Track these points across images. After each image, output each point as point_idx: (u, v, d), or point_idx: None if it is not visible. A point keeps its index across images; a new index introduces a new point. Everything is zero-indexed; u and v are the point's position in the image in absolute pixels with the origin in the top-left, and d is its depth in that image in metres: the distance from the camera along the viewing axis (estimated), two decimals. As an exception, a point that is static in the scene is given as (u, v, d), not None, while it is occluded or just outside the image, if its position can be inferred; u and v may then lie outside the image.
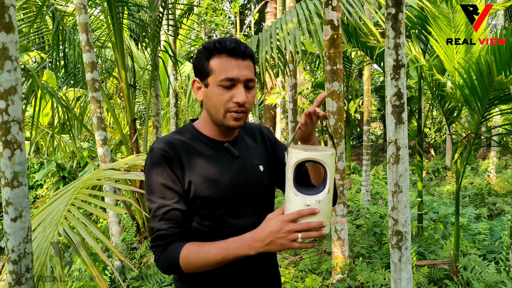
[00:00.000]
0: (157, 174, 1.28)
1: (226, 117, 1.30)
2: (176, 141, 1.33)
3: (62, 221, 2.34)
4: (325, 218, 1.19)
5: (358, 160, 13.22)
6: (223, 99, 1.28)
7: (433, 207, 7.10)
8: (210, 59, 1.30)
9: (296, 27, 3.99)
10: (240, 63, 1.29)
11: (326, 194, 1.19)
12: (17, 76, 2.00)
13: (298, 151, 1.19)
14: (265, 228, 1.19)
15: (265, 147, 1.52)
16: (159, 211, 1.27)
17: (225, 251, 1.20)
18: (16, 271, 2.03)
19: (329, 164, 1.19)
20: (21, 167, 2.00)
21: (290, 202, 1.20)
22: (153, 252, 1.29)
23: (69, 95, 7.60)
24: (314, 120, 1.28)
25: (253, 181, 1.39)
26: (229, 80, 1.27)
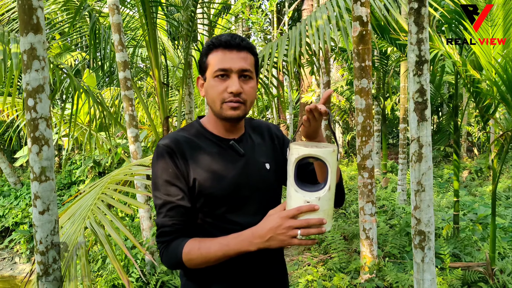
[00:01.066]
0: (163, 171, 1.30)
1: (223, 108, 1.31)
2: (182, 138, 1.35)
3: (89, 215, 2.42)
4: (326, 215, 1.18)
5: (396, 159, 12.95)
6: (218, 90, 1.30)
7: (473, 208, 6.87)
8: (208, 55, 1.33)
9: (326, 23, 3.95)
10: (235, 55, 1.30)
11: (327, 191, 1.18)
12: (44, 75, 2.09)
13: (299, 147, 1.18)
14: (265, 224, 1.19)
15: (273, 145, 1.51)
16: (163, 207, 1.29)
17: (226, 247, 1.22)
18: (44, 262, 2.12)
19: (330, 161, 1.18)
20: (48, 162, 2.08)
21: (290, 198, 1.20)
22: (157, 248, 1.33)
23: (107, 94, 7.84)
24: (317, 117, 1.26)
25: (257, 179, 1.39)
26: (222, 70, 1.29)
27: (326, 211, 1.18)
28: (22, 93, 2.03)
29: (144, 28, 4.76)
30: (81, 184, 9.10)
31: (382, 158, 10.12)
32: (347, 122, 14.66)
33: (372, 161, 3.67)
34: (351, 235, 5.04)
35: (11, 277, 8.14)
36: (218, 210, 1.33)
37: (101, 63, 4.90)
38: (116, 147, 6.52)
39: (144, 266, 4.07)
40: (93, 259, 4.81)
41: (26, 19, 1.99)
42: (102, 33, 4.76)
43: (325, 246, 4.81)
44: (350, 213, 6.30)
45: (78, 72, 12.58)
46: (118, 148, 6.30)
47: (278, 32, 11.32)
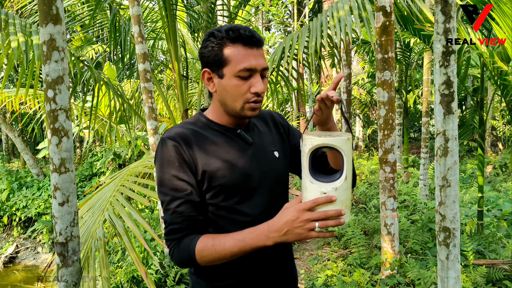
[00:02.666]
0: (169, 166, 1.25)
1: (244, 108, 1.27)
2: (188, 130, 1.30)
3: (108, 207, 2.42)
4: (344, 206, 1.14)
5: (419, 153, 12.74)
6: (242, 90, 1.25)
7: (497, 204, 6.71)
8: (223, 49, 1.25)
9: (347, 14, 3.86)
10: (256, 52, 1.25)
11: (343, 181, 1.13)
12: (64, 66, 2.08)
13: (312, 137, 1.14)
14: (281, 218, 1.15)
15: (279, 133, 1.48)
16: (171, 204, 1.25)
17: (241, 242, 1.18)
18: (63, 253, 2.12)
19: (345, 150, 1.13)
20: (68, 154, 2.08)
21: (306, 190, 1.16)
22: (167, 246, 1.28)
23: (127, 87, 7.88)
24: (328, 105, 1.22)
25: (267, 168, 1.36)
26: (248, 70, 1.23)
27: (344, 201, 1.14)
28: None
29: (163, 20, 4.74)
30: (102, 175, 9.21)
31: (403, 152, 9.96)
32: (367, 115, 14.48)
33: (394, 155, 3.59)
34: (371, 230, 4.96)
35: (34, 267, 8.30)
36: (229, 202, 1.29)
37: (121, 55, 4.91)
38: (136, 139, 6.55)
39: (164, 258, 4.08)
40: (113, 250, 4.85)
41: (46, 9, 1.98)
42: (122, 25, 4.76)
43: (345, 241, 4.75)
44: (371, 208, 6.22)
45: (99, 65, 12.71)
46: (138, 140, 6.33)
47: (298, 24, 11.21)
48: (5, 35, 3.19)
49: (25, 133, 14.39)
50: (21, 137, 10.49)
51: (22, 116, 12.20)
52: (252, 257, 1.29)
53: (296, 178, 8.58)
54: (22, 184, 9.90)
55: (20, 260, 8.54)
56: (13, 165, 13.00)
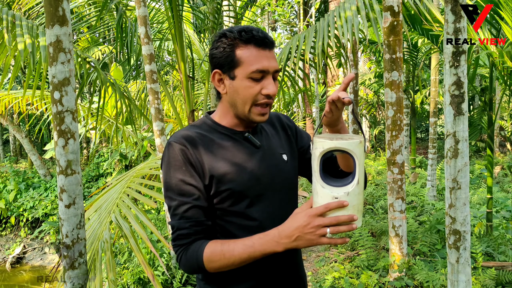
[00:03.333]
0: (175, 170, 1.23)
1: (252, 112, 1.26)
2: (194, 134, 1.28)
3: (114, 209, 2.41)
4: (356, 211, 1.11)
5: (426, 153, 12.66)
6: (253, 92, 1.23)
7: (506, 205, 6.64)
8: (235, 50, 1.23)
9: (354, 14, 3.83)
10: (268, 53, 1.24)
11: (355, 185, 1.11)
12: (70, 67, 2.07)
13: (323, 140, 1.12)
14: (292, 223, 1.13)
15: (287, 136, 1.46)
16: (179, 209, 1.22)
17: (251, 248, 1.15)
18: (70, 256, 2.11)
19: (357, 153, 1.11)
20: (74, 156, 2.07)
21: (317, 195, 1.13)
22: (175, 252, 1.26)
23: (133, 88, 7.89)
24: (339, 107, 1.21)
25: (276, 172, 1.33)
26: (261, 71, 1.22)
27: (356, 206, 1.11)
28: (50, 86, 2.02)
29: (170, 21, 4.74)
30: (109, 176, 9.23)
31: (410, 152, 9.90)
32: (374, 116, 14.42)
33: (402, 156, 3.56)
34: (379, 232, 4.93)
35: (41, 267, 8.33)
36: (238, 206, 1.26)
37: (127, 56, 4.91)
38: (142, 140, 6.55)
39: (170, 260, 4.07)
40: (119, 251, 4.84)
41: (52, 11, 1.97)
42: (128, 26, 4.76)
43: (352, 243, 4.72)
44: (378, 209, 6.17)
45: (106, 66, 12.74)
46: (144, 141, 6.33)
47: (304, 24, 11.17)
48: (12, 37, 3.19)
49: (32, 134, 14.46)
50: (28, 138, 10.54)
51: (29, 117, 12.26)
52: (261, 263, 1.27)
53: (302, 179, 8.55)
54: (29, 184, 9.94)
55: (27, 261, 8.57)
56: (21, 165, 13.07)
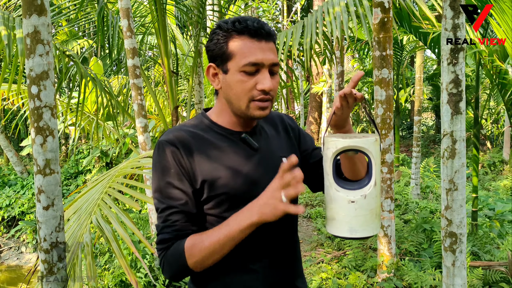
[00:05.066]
0: (164, 171, 1.14)
1: (250, 107, 1.14)
2: (187, 133, 1.18)
3: (95, 210, 2.28)
4: (374, 215, 1.03)
5: (407, 151, 12.75)
6: (247, 87, 1.12)
7: (488, 204, 6.68)
8: (229, 41, 1.13)
9: (343, 10, 3.75)
10: (264, 45, 1.13)
11: (372, 187, 1.02)
12: (49, 60, 1.94)
13: (336, 139, 1.03)
14: (264, 191, 1.06)
15: (289, 138, 1.35)
16: (164, 212, 1.13)
17: (227, 227, 1.07)
18: (48, 260, 1.99)
19: (373, 152, 1.02)
20: (53, 154, 1.94)
21: (331, 200, 1.04)
22: (158, 256, 1.16)
23: (114, 83, 7.70)
24: (350, 103, 1.11)
25: (274, 176, 1.22)
26: (253, 65, 1.11)
27: (374, 210, 1.03)
28: (26, 80, 1.89)
29: (153, 14, 4.60)
30: (88, 173, 9.01)
31: (394, 150, 9.93)
32: (357, 113, 14.45)
33: (392, 155, 3.51)
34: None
35: (17, 267, 8.09)
36: (232, 212, 1.14)
37: (108, 50, 4.75)
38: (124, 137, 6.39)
39: (153, 261, 3.94)
40: (100, 252, 4.70)
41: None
42: (110, 19, 4.59)
43: (339, 242, 4.66)
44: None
45: (85, 60, 12.46)
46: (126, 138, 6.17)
47: (288, 21, 11.09)
48: (-14, 28, 3.02)
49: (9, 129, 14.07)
50: (4, 134, 10.23)
51: (5, 112, 11.91)
52: (253, 263, 1.19)
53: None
54: (5, 182, 9.64)
55: (3, 260, 8.32)
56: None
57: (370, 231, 1.04)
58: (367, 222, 1.02)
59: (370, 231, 1.04)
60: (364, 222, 1.02)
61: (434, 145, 14.18)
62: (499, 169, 10.24)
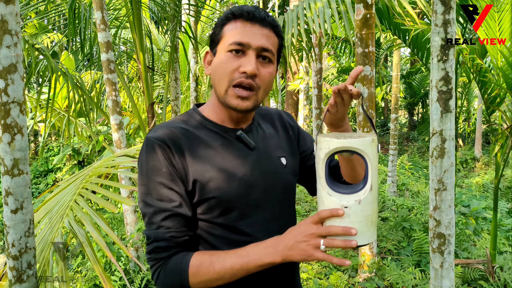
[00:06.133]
0: (154, 171, 1.03)
1: (228, 93, 1.05)
2: (178, 129, 1.08)
3: (68, 213, 2.15)
4: (369, 222, 0.94)
5: (382, 149, 12.87)
6: (229, 68, 1.04)
7: (462, 201, 6.76)
8: (224, 26, 1.07)
9: (325, 5, 3.69)
10: (257, 29, 1.05)
11: (368, 192, 0.93)
12: (17, 52, 1.79)
13: (329, 139, 0.94)
14: (291, 230, 0.97)
15: (288, 137, 1.26)
16: (156, 216, 1.02)
17: (245, 258, 0.97)
18: (17, 268, 1.85)
19: (370, 154, 0.93)
20: (22, 154, 1.80)
21: (323, 204, 0.96)
22: (150, 267, 1.05)
23: (87, 78, 7.46)
24: (346, 100, 1.02)
25: (273, 178, 1.14)
26: (238, 44, 1.03)
27: (369, 216, 0.94)
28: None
29: (127, 7, 4.43)
30: (58, 171, 8.72)
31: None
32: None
33: (373, 153, 3.47)
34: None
35: (-17, 269, 7.76)
36: (226, 218, 1.07)
37: (80, 44, 4.55)
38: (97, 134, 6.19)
39: (128, 263, 3.80)
40: (71, 253, 4.52)
41: (-5, -15, 1.69)
42: (82, 12, 4.40)
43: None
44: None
45: (56, 55, 12.08)
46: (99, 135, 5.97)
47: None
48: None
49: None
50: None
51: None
52: (254, 282, 1.09)
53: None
54: (-30, 181, 9.26)
55: (-32, 262, 7.97)
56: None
57: (365, 240, 0.95)
58: (361, 229, 0.93)
59: (365, 240, 0.94)
60: (359, 229, 0.92)
61: (407, 142, 14.37)
62: (471, 166, 10.44)
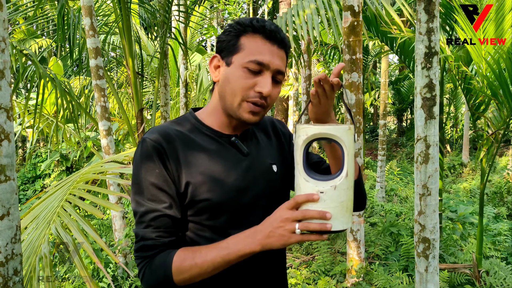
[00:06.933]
0: (147, 172, 1.06)
1: (242, 107, 1.08)
2: (173, 132, 1.10)
3: (55, 219, 2.14)
4: (344, 209, 0.96)
5: (371, 155, 12.96)
6: (245, 84, 1.06)
7: (450, 206, 6.82)
8: (241, 36, 1.09)
9: (314, 13, 3.73)
10: (275, 50, 1.08)
11: (344, 179, 0.96)
12: (5, 58, 1.79)
13: (307, 126, 0.97)
14: (268, 218, 1.00)
15: (280, 144, 1.29)
16: (146, 216, 1.05)
17: (225, 250, 1.00)
18: (3, 274, 1.83)
19: (346, 141, 0.96)
20: (9, 160, 1.79)
21: (300, 190, 0.98)
22: (136, 264, 1.08)
23: (75, 84, 7.43)
24: (327, 91, 1.04)
25: (264, 184, 1.16)
26: (258, 64, 1.06)
27: (344, 203, 0.96)
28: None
29: (117, 13, 4.43)
30: (47, 178, 8.65)
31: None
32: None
33: (361, 159, 3.50)
34: (333, 235, 4.87)
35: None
36: (216, 221, 1.09)
37: (69, 50, 4.55)
38: (85, 140, 6.16)
39: (116, 270, 3.79)
40: (59, 260, 4.48)
41: (-18, -9, 1.69)
42: (71, 17, 4.40)
43: (307, 246, 4.63)
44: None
45: (44, 60, 12.01)
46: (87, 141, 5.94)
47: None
48: None
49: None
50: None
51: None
52: (238, 276, 1.12)
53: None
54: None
55: (-46, 270, 7.85)
56: None
57: (340, 225, 0.96)
58: (336, 215, 0.95)
59: (339, 225, 0.96)
60: (334, 214, 0.94)
61: (396, 148, 14.48)
62: (459, 172, 10.54)
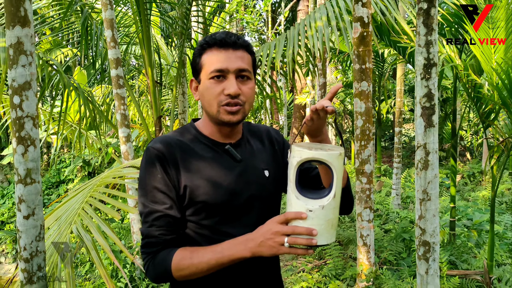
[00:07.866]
0: (151, 176, 1.21)
1: (220, 112, 1.22)
2: (174, 141, 1.25)
3: (76, 220, 2.30)
4: (330, 226, 1.08)
5: (389, 162, 12.90)
6: (215, 92, 1.21)
7: (467, 213, 6.80)
8: (202, 55, 1.24)
9: (325, 25, 3.85)
10: (231, 54, 1.21)
11: (331, 199, 1.08)
12: (32, 71, 1.96)
13: (302, 149, 1.09)
14: (260, 228, 1.12)
15: (273, 150, 1.41)
16: (150, 216, 1.20)
17: (219, 253, 1.13)
18: (28, 270, 1.99)
19: (336, 166, 1.08)
20: (34, 164, 1.96)
21: (291, 206, 1.10)
22: (142, 259, 1.23)
23: (98, 92, 7.68)
24: (322, 116, 1.17)
25: (255, 188, 1.29)
26: (218, 71, 1.20)
27: (330, 220, 1.08)
28: (9, 90, 1.89)
29: (137, 25, 4.63)
30: (70, 183, 8.93)
31: (376, 161, 10.06)
32: (341, 124, 14.58)
33: (371, 166, 3.58)
34: (346, 241, 4.95)
35: (-4, 277, 7.95)
36: (211, 220, 1.23)
37: (92, 60, 4.76)
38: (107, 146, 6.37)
39: (134, 271, 3.94)
40: (80, 261, 4.67)
41: (13, 11, 1.86)
42: (94, 29, 4.62)
43: (320, 252, 4.71)
44: (344, 218, 6.21)
45: (69, 69, 12.39)
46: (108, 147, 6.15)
47: (273, 32, 11.21)
48: (-31, 37, 3.02)
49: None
50: (-16, 142, 10.08)
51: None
52: (235, 274, 1.25)
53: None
54: (-15, 191, 9.50)
55: (-19, 271, 8.17)
56: (-24, 171, 12.49)
57: (324, 241, 1.08)
58: (322, 231, 1.07)
59: (324, 240, 1.08)
60: (320, 231, 1.06)
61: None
62: (478, 180, 10.43)
